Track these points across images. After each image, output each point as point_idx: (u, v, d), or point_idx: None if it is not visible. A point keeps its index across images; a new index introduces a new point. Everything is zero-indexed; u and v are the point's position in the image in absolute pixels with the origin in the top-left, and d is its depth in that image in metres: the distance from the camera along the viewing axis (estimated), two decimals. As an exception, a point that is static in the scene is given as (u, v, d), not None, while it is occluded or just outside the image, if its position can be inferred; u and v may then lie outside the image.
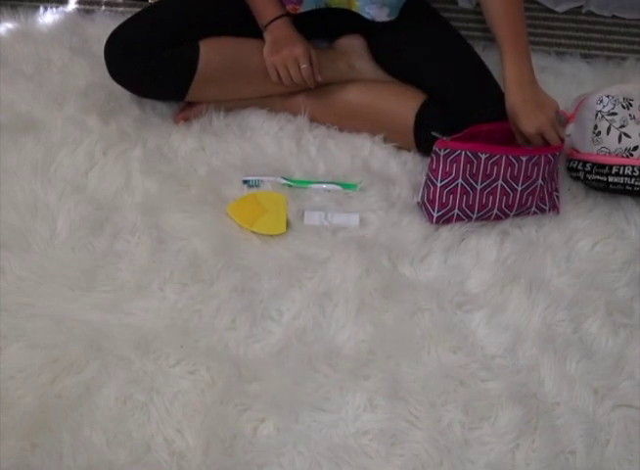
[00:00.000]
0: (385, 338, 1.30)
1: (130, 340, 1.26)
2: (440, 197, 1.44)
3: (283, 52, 1.49)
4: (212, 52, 1.52)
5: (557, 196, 1.52)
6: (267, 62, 1.51)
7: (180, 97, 1.60)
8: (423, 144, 1.53)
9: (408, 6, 1.55)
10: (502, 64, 1.44)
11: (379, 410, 1.21)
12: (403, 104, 1.54)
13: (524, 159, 1.43)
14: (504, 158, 1.42)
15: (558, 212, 1.52)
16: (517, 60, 1.43)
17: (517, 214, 1.49)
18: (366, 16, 1.54)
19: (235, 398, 1.21)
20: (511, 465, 1.17)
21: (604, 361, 1.31)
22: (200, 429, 1.17)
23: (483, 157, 1.42)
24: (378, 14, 1.53)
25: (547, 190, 1.49)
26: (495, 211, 1.46)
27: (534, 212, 1.49)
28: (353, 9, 1.53)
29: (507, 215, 1.48)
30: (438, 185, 1.44)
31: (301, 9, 1.53)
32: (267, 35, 1.52)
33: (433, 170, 1.45)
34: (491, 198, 1.45)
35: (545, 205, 1.49)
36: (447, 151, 1.42)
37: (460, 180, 1.43)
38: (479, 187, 1.44)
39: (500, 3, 1.45)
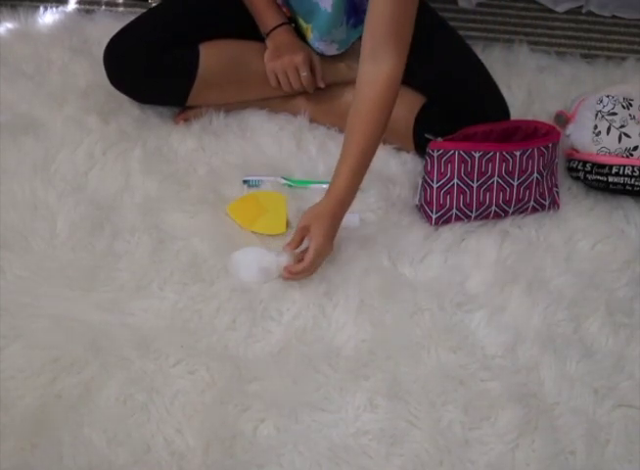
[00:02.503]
0: (385, 338, 1.30)
1: (130, 340, 1.26)
2: (438, 198, 1.45)
3: (283, 58, 1.50)
4: (213, 56, 1.52)
5: (557, 191, 1.52)
6: (267, 67, 1.52)
7: (181, 102, 1.59)
8: (422, 146, 1.53)
9: None
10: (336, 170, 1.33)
11: (379, 410, 1.21)
12: (402, 106, 1.53)
13: (517, 153, 1.43)
14: (498, 154, 1.43)
15: (558, 208, 1.52)
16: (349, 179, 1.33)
17: (516, 211, 1.49)
18: (317, 50, 1.56)
19: (235, 398, 1.20)
20: (511, 465, 1.17)
21: (604, 361, 1.31)
22: (200, 429, 1.17)
23: (477, 155, 1.42)
24: (327, 49, 1.56)
25: (547, 185, 1.49)
26: (493, 207, 1.46)
27: (534, 208, 1.49)
28: (307, 40, 1.55)
29: (506, 212, 1.48)
30: (435, 186, 1.44)
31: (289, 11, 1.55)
32: (269, 42, 1.53)
33: (428, 172, 1.45)
34: (488, 195, 1.45)
35: (545, 200, 1.49)
36: (440, 152, 1.42)
37: (456, 180, 1.43)
38: (475, 185, 1.44)
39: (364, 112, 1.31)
